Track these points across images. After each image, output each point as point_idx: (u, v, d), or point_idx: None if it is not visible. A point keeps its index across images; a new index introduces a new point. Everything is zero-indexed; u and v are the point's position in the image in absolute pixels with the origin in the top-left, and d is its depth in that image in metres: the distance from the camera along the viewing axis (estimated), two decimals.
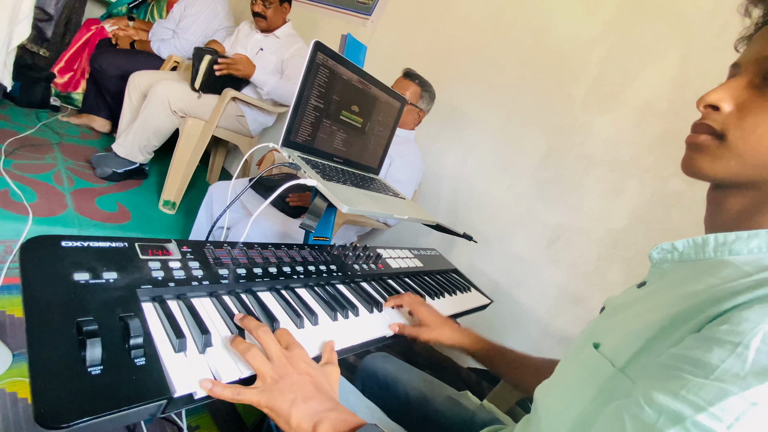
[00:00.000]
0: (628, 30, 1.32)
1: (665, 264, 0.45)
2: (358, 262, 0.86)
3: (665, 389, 0.31)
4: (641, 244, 1.21)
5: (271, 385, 0.45)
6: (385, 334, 0.71)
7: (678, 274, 0.42)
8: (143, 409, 0.37)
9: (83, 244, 0.49)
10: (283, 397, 0.44)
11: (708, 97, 0.41)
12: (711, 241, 0.40)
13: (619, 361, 0.38)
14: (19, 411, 0.86)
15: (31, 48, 2.42)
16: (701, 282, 0.37)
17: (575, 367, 0.44)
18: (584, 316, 1.29)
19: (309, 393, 0.45)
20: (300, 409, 0.44)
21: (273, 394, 0.44)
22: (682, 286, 0.39)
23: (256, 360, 0.46)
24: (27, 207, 1.40)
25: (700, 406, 0.28)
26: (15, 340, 0.99)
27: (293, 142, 0.84)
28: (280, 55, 2.02)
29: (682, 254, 0.43)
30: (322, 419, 0.43)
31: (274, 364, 0.46)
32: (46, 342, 0.37)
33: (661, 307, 0.38)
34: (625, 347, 0.38)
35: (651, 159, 1.22)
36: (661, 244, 0.45)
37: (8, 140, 1.77)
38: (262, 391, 0.44)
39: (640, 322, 0.39)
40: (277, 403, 0.44)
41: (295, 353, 0.49)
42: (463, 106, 1.73)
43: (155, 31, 2.34)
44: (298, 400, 0.44)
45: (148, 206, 1.89)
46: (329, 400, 0.46)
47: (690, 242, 0.42)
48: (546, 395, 0.48)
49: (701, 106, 0.42)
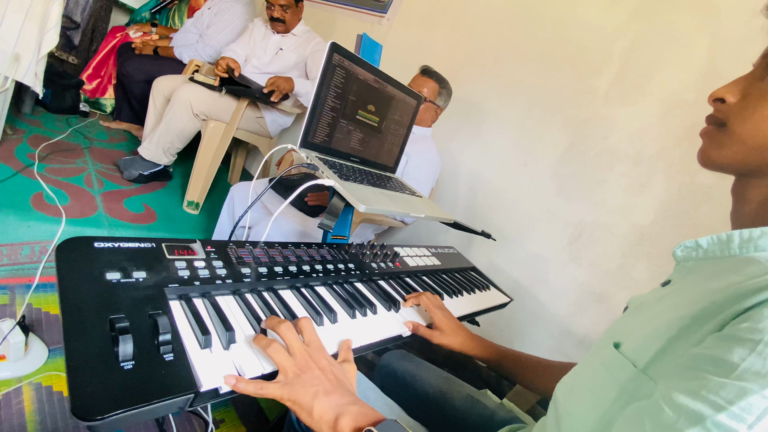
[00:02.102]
0: (652, 19, 1.27)
1: (689, 262, 0.44)
2: (376, 261, 0.86)
3: (685, 389, 0.30)
4: (668, 241, 1.17)
5: (293, 379, 0.46)
6: (403, 333, 0.71)
7: (702, 272, 0.42)
8: (172, 402, 0.39)
9: (114, 244, 0.51)
10: (305, 391, 0.45)
11: (716, 91, 0.44)
12: (736, 237, 0.39)
13: (641, 361, 0.37)
14: (55, 404, 0.90)
15: (60, 56, 2.53)
16: (724, 280, 0.36)
17: (596, 367, 0.44)
18: (608, 315, 1.26)
19: (330, 387, 0.46)
20: (322, 402, 0.44)
21: (295, 387, 0.45)
22: (705, 284, 0.38)
23: (277, 354, 0.47)
24: (60, 209, 1.47)
25: (720, 405, 0.28)
26: (51, 336, 1.04)
27: (311, 142, 0.85)
28: (300, 51, 2.06)
29: (706, 251, 0.42)
30: (343, 412, 0.44)
31: (296, 358, 0.47)
32: (81, 338, 0.39)
33: (683, 305, 0.38)
34: (646, 347, 0.38)
35: (678, 152, 1.18)
36: (684, 242, 0.44)
37: (41, 145, 1.85)
38: (284, 385, 0.45)
39: (661, 321, 0.38)
40: (300, 396, 0.45)
41: (316, 349, 0.50)
42: (480, 102, 1.71)
43: (178, 37, 2.40)
44: (320, 393, 0.45)
45: (173, 207, 1.95)
46: (350, 394, 0.47)
47: (714, 239, 0.41)
48: (567, 395, 0.47)
49: (711, 100, 0.45)
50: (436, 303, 0.78)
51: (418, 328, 0.72)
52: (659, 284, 0.48)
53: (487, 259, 1.58)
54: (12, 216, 1.36)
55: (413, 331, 0.72)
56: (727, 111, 0.42)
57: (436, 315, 0.75)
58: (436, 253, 1.11)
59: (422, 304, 0.77)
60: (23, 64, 1.39)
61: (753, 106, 0.40)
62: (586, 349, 1.30)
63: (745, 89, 0.42)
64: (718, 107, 0.44)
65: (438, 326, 0.74)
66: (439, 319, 0.75)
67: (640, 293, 0.52)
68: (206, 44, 2.27)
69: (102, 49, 2.54)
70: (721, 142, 0.42)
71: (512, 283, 1.48)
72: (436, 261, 1.06)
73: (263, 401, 1.15)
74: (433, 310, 0.76)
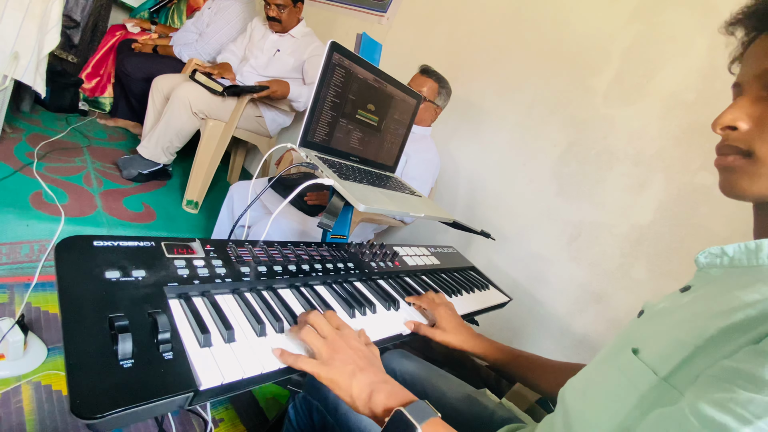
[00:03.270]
0: (652, 19, 1.27)
1: (713, 269, 0.43)
2: (375, 260, 0.86)
3: (713, 401, 0.30)
4: (667, 241, 1.17)
5: (328, 360, 0.49)
6: (403, 332, 0.71)
7: (728, 280, 0.40)
8: (171, 401, 0.39)
9: (113, 243, 0.51)
10: (342, 370, 0.48)
11: (722, 119, 0.41)
12: (765, 247, 0.38)
13: (663, 370, 0.37)
14: (54, 402, 0.90)
15: (59, 54, 2.52)
16: (757, 291, 0.35)
17: (613, 373, 0.43)
18: (607, 315, 1.26)
19: (363, 365, 0.49)
20: (359, 380, 0.47)
21: (331, 367, 0.48)
22: (733, 294, 0.37)
23: (309, 336, 0.50)
24: (59, 208, 1.47)
25: (747, 419, 0.28)
26: (50, 335, 1.04)
27: (310, 141, 0.85)
28: (298, 55, 2.04)
29: (732, 259, 0.41)
30: (377, 389, 0.47)
31: (328, 340, 0.50)
32: (80, 337, 0.39)
33: (709, 315, 0.37)
34: (669, 356, 0.37)
35: (678, 152, 1.18)
36: (709, 249, 0.43)
37: (40, 144, 1.85)
38: (321, 365, 0.48)
39: (685, 330, 0.38)
40: (337, 375, 0.48)
41: (346, 332, 0.53)
42: (480, 102, 1.71)
43: (178, 36, 2.40)
44: (356, 371, 0.48)
45: (172, 206, 1.95)
46: (381, 372, 0.51)
47: (742, 247, 0.40)
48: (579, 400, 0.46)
49: (718, 129, 0.42)
50: (440, 300, 0.79)
51: (419, 328, 0.73)
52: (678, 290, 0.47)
53: (487, 259, 1.58)
54: (11, 215, 1.36)
55: (414, 330, 0.72)
56: (747, 139, 0.40)
57: (438, 313, 0.76)
58: (436, 252, 1.11)
59: (425, 305, 0.78)
60: (22, 62, 1.38)
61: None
62: (585, 349, 1.30)
63: (757, 113, 0.39)
64: (731, 135, 0.41)
65: (440, 325, 0.75)
66: (441, 317, 0.75)
67: (639, 293, 0.52)
68: (206, 43, 2.27)
69: (101, 48, 2.54)
70: (753, 173, 0.39)
71: (511, 282, 1.48)
72: (436, 260, 1.06)
73: (263, 400, 1.15)
74: (435, 307, 0.76)
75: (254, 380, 0.47)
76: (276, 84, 1.86)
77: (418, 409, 0.44)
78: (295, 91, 1.92)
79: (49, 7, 1.37)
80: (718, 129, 0.42)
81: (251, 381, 0.47)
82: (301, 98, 1.96)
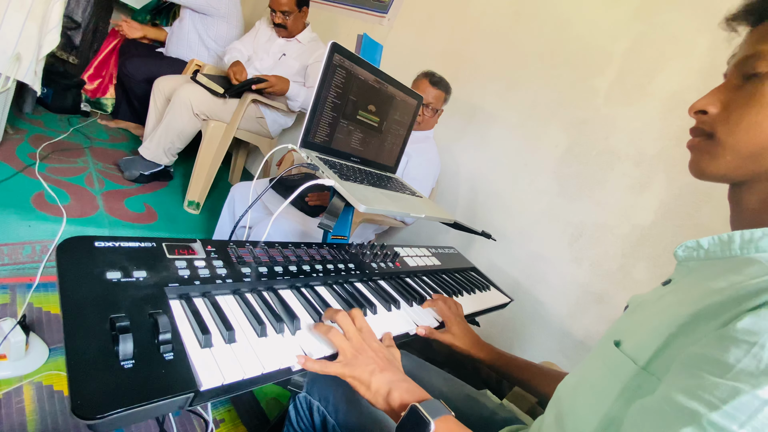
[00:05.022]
0: (653, 19, 1.27)
1: (691, 261, 0.45)
2: (376, 261, 0.86)
3: (683, 388, 0.31)
4: (669, 241, 1.17)
5: (352, 359, 0.53)
6: (403, 332, 0.71)
7: (703, 271, 0.42)
8: (172, 401, 0.39)
9: (115, 244, 0.51)
10: (363, 369, 0.52)
11: (696, 104, 0.45)
12: (737, 238, 0.39)
13: (642, 359, 0.38)
14: (55, 403, 0.90)
15: (61, 56, 2.53)
16: (725, 279, 0.36)
17: (598, 366, 0.44)
18: (609, 315, 1.26)
19: (383, 365, 0.53)
20: (378, 378, 0.51)
21: (354, 366, 0.52)
22: (705, 284, 0.38)
23: (336, 338, 0.54)
24: (61, 208, 1.47)
25: (714, 404, 0.28)
26: (51, 336, 1.04)
27: (311, 142, 0.86)
28: (303, 60, 2.05)
29: (707, 252, 0.43)
30: (395, 387, 0.51)
31: (352, 341, 0.55)
32: (81, 337, 0.39)
33: (683, 304, 0.38)
34: (646, 345, 0.38)
35: (679, 152, 1.18)
36: (686, 242, 0.45)
37: (42, 145, 1.85)
38: (345, 365, 0.52)
39: (661, 319, 0.39)
40: (359, 372, 0.52)
41: (367, 334, 0.57)
42: (481, 102, 1.71)
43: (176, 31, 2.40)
44: (376, 370, 0.52)
45: (174, 207, 1.95)
46: (400, 372, 0.54)
47: (716, 239, 0.42)
48: (570, 395, 0.48)
49: (692, 113, 0.45)
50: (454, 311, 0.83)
51: (432, 333, 0.76)
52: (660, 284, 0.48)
53: (487, 260, 1.58)
54: (13, 215, 1.36)
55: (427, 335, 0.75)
56: (711, 122, 0.43)
57: (449, 319, 0.80)
58: (437, 253, 1.11)
59: (437, 310, 0.81)
60: (24, 64, 1.39)
61: (738, 114, 0.41)
62: (586, 350, 1.29)
63: (726, 99, 0.42)
64: (701, 119, 0.44)
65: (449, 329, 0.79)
66: (452, 322, 0.80)
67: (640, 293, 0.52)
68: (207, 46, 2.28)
69: (103, 49, 2.54)
70: (713, 153, 0.43)
71: (512, 283, 1.48)
72: (437, 261, 1.06)
73: (263, 401, 1.15)
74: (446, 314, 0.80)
75: (255, 381, 0.47)
76: (276, 78, 1.87)
77: (433, 406, 0.47)
78: (294, 89, 1.93)
79: (50, 8, 1.37)
80: (692, 113, 0.45)
81: (252, 381, 0.47)
82: (298, 98, 1.96)
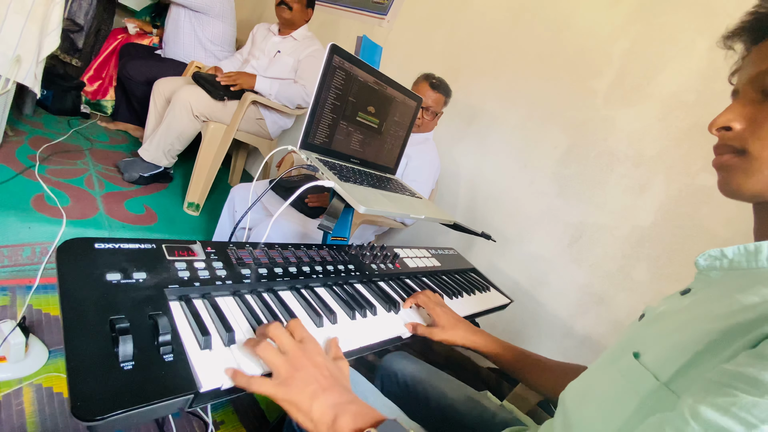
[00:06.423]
0: (652, 20, 1.27)
1: (713, 271, 0.43)
2: (376, 262, 0.86)
3: (714, 405, 0.30)
4: (668, 242, 1.17)
5: (287, 378, 0.44)
6: (403, 334, 0.71)
7: (728, 283, 0.40)
8: (172, 403, 0.39)
9: (115, 245, 0.51)
10: (301, 390, 0.43)
11: (718, 120, 0.43)
12: (764, 249, 0.38)
13: (664, 374, 0.36)
14: (55, 405, 0.90)
15: (63, 58, 2.53)
16: (756, 293, 0.35)
17: (614, 377, 0.42)
18: (608, 317, 1.26)
19: (327, 384, 0.44)
20: (320, 402, 0.43)
21: (291, 387, 0.43)
22: (733, 297, 0.37)
23: (266, 352, 0.45)
24: (61, 210, 1.47)
25: (751, 423, 0.27)
26: (51, 337, 1.04)
27: (311, 144, 0.86)
28: (297, 56, 2.05)
29: (732, 262, 0.41)
30: (342, 411, 0.42)
31: (289, 356, 0.45)
32: (81, 339, 0.39)
33: (709, 318, 0.37)
34: (670, 360, 0.37)
35: (678, 153, 1.18)
36: (709, 251, 0.43)
37: (42, 147, 1.85)
38: (278, 385, 0.43)
39: (686, 333, 0.37)
40: (296, 396, 0.43)
41: (310, 346, 0.48)
42: (480, 104, 1.71)
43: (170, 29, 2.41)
44: (318, 392, 0.43)
45: (174, 208, 1.96)
46: (347, 392, 0.46)
47: (741, 249, 0.40)
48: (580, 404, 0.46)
49: (714, 130, 0.44)
50: (435, 300, 0.78)
51: (416, 328, 0.72)
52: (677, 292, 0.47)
53: (487, 261, 1.58)
54: (13, 217, 1.36)
55: (412, 331, 0.72)
56: (740, 138, 0.41)
57: (434, 311, 0.75)
58: (436, 254, 1.11)
59: (420, 303, 0.77)
60: (24, 66, 1.39)
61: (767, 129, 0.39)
62: (586, 351, 1.29)
63: (751, 114, 0.41)
64: (726, 135, 0.42)
65: (438, 323, 0.74)
66: (438, 314, 0.75)
67: (640, 295, 0.52)
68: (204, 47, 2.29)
69: (103, 51, 2.55)
70: (747, 170, 0.40)
71: (512, 284, 1.48)
72: (436, 262, 1.06)
73: (263, 402, 1.14)
74: (431, 307, 0.76)
75: None
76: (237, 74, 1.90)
77: (389, 428, 0.41)
78: (262, 84, 1.93)
79: (50, 10, 1.38)
80: (714, 130, 0.44)
81: None
82: (271, 91, 1.95)
